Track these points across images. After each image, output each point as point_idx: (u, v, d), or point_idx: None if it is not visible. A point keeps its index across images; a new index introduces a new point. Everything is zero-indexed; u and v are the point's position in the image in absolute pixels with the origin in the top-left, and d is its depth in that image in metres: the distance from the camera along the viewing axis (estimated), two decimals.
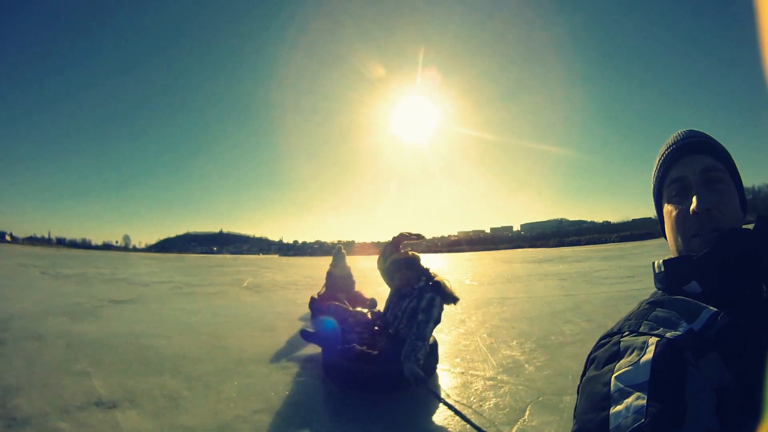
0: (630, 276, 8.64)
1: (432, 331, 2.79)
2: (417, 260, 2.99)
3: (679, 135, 0.69)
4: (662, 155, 0.69)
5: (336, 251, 5.86)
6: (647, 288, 0.69)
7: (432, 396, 2.57)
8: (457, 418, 2.26)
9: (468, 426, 2.16)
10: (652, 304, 0.58)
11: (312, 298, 5.28)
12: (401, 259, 2.96)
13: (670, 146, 0.68)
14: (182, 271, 14.63)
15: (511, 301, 6.47)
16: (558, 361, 3.33)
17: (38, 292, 7.49)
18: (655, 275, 0.67)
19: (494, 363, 3.34)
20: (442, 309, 2.85)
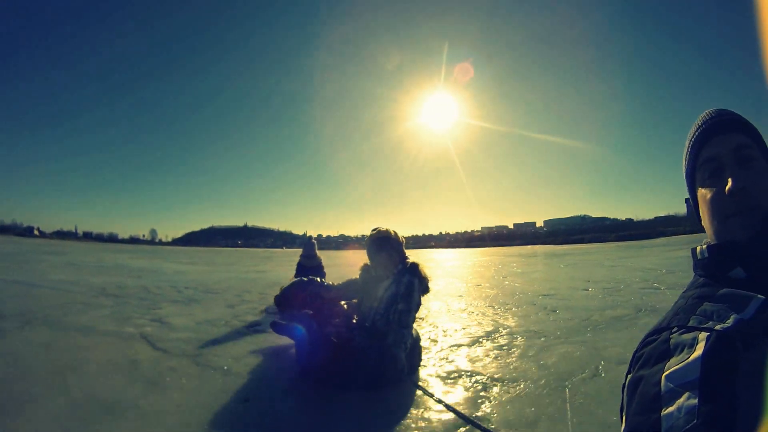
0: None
1: (414, 319, 2.68)
2: (398, 239, 2.81)
3: (708, 114, 0.67)
4: (692, 136, 0.67)
5: (306, 241, 5.76)
6: None
7: (418, 390, 2.40)
8: (446, 410, 2.11)
9: (458, 419, 2.01)
10: (700, 298, 0.57)
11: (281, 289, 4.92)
12: (382, 236, 2.78)
13: (700, 126, 0.66)
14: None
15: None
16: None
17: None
18: (697, 261, 0.65)
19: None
20: (420, 294, 2.68)
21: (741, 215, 0.59)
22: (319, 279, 3.36)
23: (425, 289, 2.72)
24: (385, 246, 2.75)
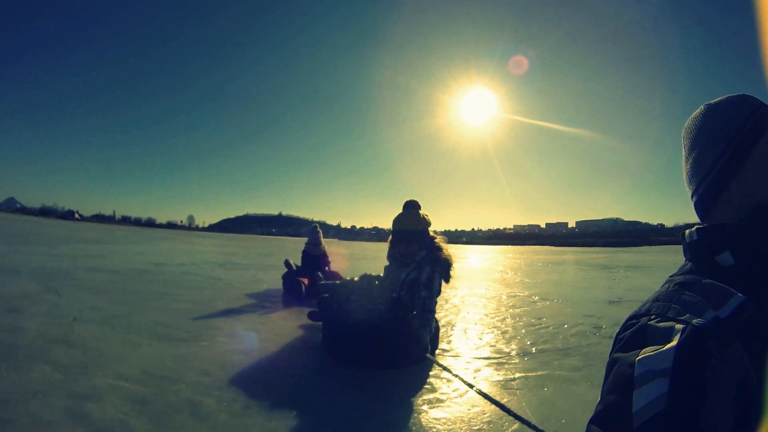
0: None
1: (435, 304, 2.88)
2: (425, 231, 2.99)
3: (753, 98, 0.66)
4: (757, 108, 0.64)
5: (311, 229, 5.88)
6: None
7: (442, 369, 2.59)
8: (468, 388, 2.22)
9: (485, 400, 2.10)
10: (681, 285, 0.57)
11: (286, 274, 5.34)
12: (409, 230, 2.97)
13: (761, 107, 0.65)
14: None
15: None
16: None
17: None
18: (686, 245, 0.66)
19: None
20: (441, 281, 2.88)
21: None
22: (320, 274, 4.41)
23: (446, 277, 2.91)
24: (410, 238, 2.96)
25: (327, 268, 5.77)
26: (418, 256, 2.91)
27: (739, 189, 0.62)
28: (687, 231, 0.65)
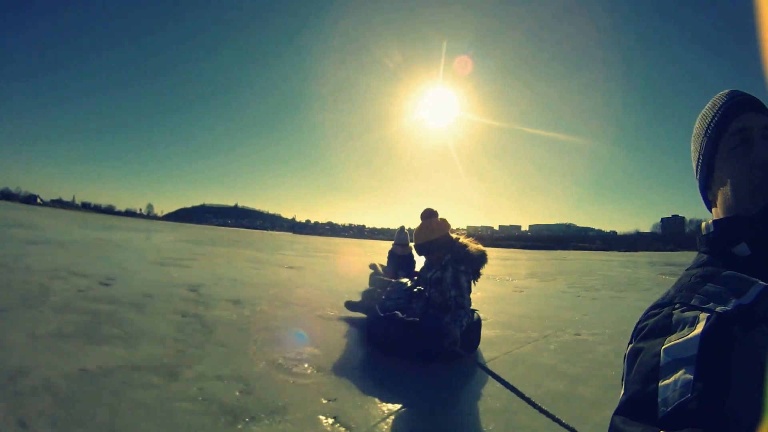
0: None
1: (469, 300, 2.98)
2: (442, 238, 3.15)
3: (735, 91, 0.69)
4: (722, 106, 0.68)
5: (399, 230, 5.96)
6: None
7: (476, 366, 2.67)
8: (503, 388, 2.21)
9: (516, 397, 2.09)
10: (703, 278, 0.59)
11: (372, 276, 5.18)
12: (426, 243, 3.18)
13: (731, 99, 0.68)
14: None
15: None
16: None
17: None
18: (701, 237, 0.68)
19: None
20: (469, 276, 3.01)
21: None
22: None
23: (475, 274, 3.05)
24: (430, 249, 3.17)
25: (413, 270, 5.43)
26: (443, 260, 3.05)
27: (717, 188, 0.67)
28: (703, 224, 0.68)
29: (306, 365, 2.62)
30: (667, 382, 0.47)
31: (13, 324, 2.85)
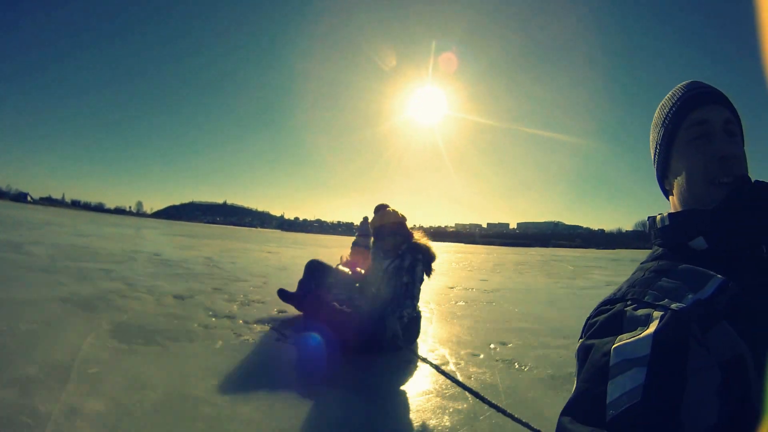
0: None
1: (419, 292, 3.00)
2: (401, 222, 3.18)
3: (697, 82, 0.69)
4: (682, 97, 0.67)
5: (363, 221, 5.56)
6: None
7: (415, 357, 2.64)
8: (442, 377, 2.26)
9: (451, 383, 2.17)
10: (657, 272, 0.58)
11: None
12: (390, 223, 3.16)
13: (691, 90, 0.68)
14: None
15: None
16: None
17: None
18: (656, 231, 0.67)
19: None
20: (423, 271, 3.01)
21: (727, 184, 0.60)
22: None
23: (428, 269, 3.04)
24: (389, 234, 3.13)
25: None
26: (401, 249, 3.04)
27: (673, 177, 0.68)
28: (657, 216, 0.68)
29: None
30: (616, 383, 0.46)
31: None
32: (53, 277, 4.26)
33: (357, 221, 4.65)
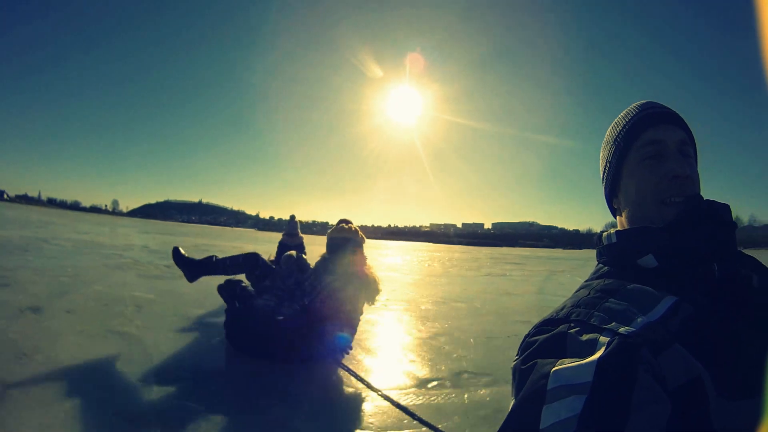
0: None
1: (356, 309, 3.00)
2: (359, 243, 3.15)
3: (652, 103, 0.69)
4: (636, 116, 0.67)
5: (290, 219, 6.18)
6: None
7: (342, 369, 2.68)
8: (366, 388, 2.31)
9: (376, 395, 2.23)
10: (604, 292, 0.55)
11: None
12: (342, 238, 3.14)
13: (646, 109, 0.67)
14: None
15: None
16: None
17: None
18: (603, 248, 0.65)
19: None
20: (363, 296, 3.02)
21: (679, 203, 0.60)
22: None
23: (370, 298, 3.03)
24: (344, 251, 3.09)
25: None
26: (350, 269, 2.99)
27: (623, 196, 0.67)
28: (604, 234, 0.66)
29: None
30: (552, 409, 0.43)
31: None
32: (90, 256, 7.71)
33: (332, 220, 7.34)
